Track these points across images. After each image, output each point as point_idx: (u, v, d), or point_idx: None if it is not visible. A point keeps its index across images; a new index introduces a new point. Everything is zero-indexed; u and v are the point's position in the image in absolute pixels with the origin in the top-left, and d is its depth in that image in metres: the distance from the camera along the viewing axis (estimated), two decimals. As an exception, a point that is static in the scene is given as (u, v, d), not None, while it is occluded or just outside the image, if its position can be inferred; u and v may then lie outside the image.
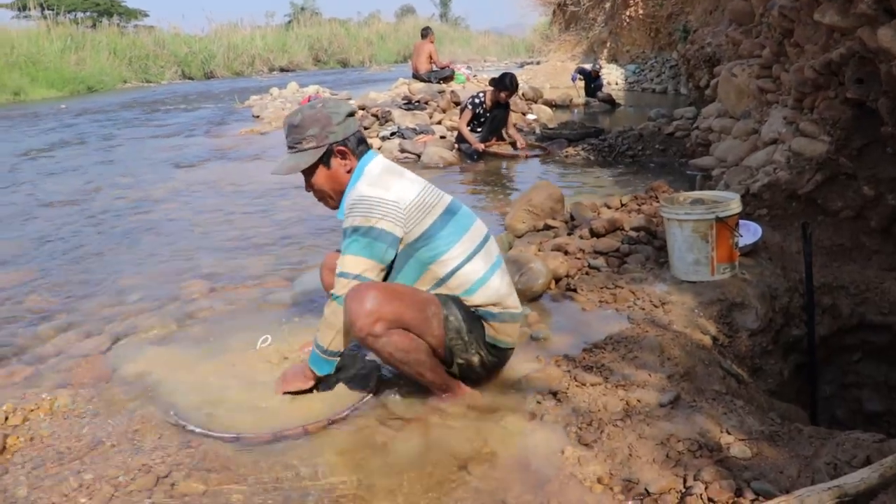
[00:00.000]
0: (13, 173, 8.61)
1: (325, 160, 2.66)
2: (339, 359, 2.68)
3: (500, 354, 2.72)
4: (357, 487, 2.21)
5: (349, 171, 2.67)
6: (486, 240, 2.70)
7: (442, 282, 2.60)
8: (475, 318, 2.61)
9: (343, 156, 2.66)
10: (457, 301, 2.59)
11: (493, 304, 2.63)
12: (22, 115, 16.21)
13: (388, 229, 2.50)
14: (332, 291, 2.58)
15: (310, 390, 2.73)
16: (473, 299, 2.61)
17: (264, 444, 2.45)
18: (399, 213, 2.51)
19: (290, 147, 2.69)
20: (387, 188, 2.55)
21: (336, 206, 2.73)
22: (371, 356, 2.89)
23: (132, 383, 2.95)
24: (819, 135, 4.56)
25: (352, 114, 2.72)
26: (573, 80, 15.19)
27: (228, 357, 3.12)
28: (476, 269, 2.61)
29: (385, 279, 2.62)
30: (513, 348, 2.79)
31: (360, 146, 2.70)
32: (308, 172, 2.70)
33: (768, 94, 5.95)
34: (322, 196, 2.77)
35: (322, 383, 2.76)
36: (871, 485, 1.82)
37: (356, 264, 2.51)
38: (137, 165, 8.94)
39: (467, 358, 2.61)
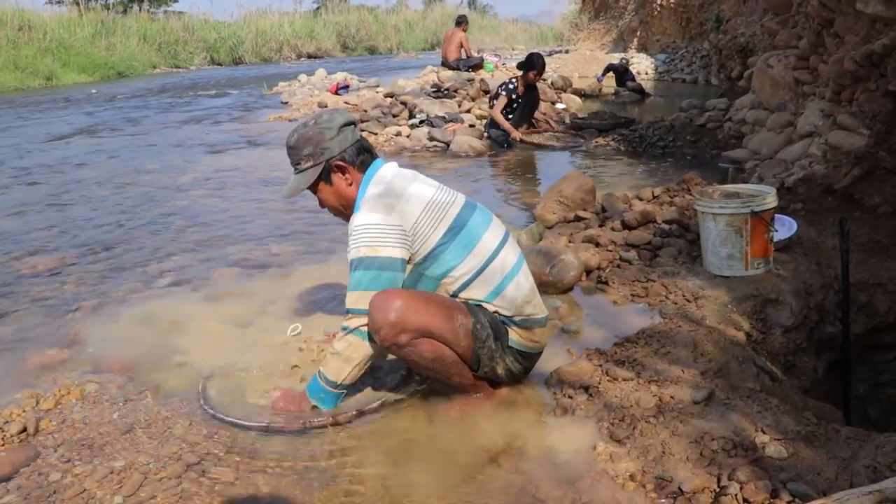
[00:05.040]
0: (45, 159, 8.68)
1: (324, 177, 2.61)
2: (346, 392, 2.59)
3: (525, 361, 2.65)
4: (385, 479, 2.21)
5: (352, 184, 2.62)
6: (501, 245, 2.59)
7: (455, 295, 2.54)
8: (499, 323, 2.55)
9: (342, 170, 2.59)
10: (482, 308, 2.53)
11: (511, 313, 2.57)
12: (53, 101, 16.36)
13: (394, 255, 2.43)
14: (345, 324, 2.48)
15: None
16: (490, 307, 2.55)
17: (294, 433, 2.45)
18: (403, 236, 2.44)
19: (293, 168, 2.65)
20: (389, 209, 2.46)
21: (349, 220, 2.63)
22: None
23: (162, 370, 2.96)
24: (858, 128, 4.47)
25: (348, 123, 2.62)
26: (599, 80, 15.02)
27: (258, 345, 3.12)
28: (490, 279, 2.53)
29: None
30: (539, 353, 2.72)
31: (360, 156, 2.61)
32: (314, 190, 2.66)
33: (805, 85, 5.85)
34: (335, 212, 2.73)
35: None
36: (913, 490, 1.77)
37: (366, 299, 2.41)
38: (167, 151, 8.99)
39: (492, 366, 2.55)
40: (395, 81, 13.28)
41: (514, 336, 2.58)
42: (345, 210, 2.68)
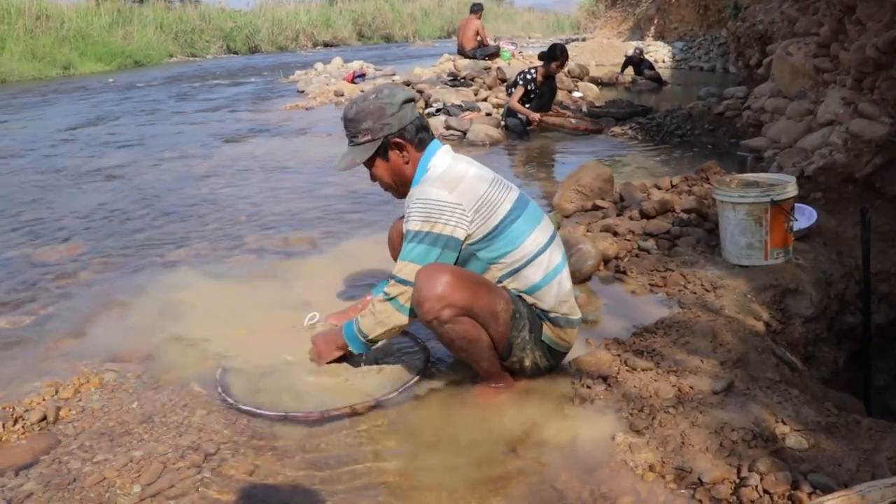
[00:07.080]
0: (62, 147, 8.73)
1: (381, 153, 2.60)
2: (374, 346, 2.65)
3: (553, 358, 2.65)
4: (404, 468, 2.21)
5: (408, 162, 2.61)
6: (549, 242, 2.59)
7: (500, 281, 2.54)
8: (536, 316, 2.56)
9: (400, 147, 2.58)
10: (522, 299, 2.54)
11: (547, 309, 2.57)
12: (71, 89, 16.44)
13: (449, 233, 2.43)
14: (386, 291, 2.51)
15: (339, 360, 2.75)
16: (529, 299, 2.56)
17: (312, 423, 2.45)
18: (463, 215, 2.44)
19: (349, 140, 2.64)
20: (451, 188, 2.46)
21: (402, 196, 2.65)
22: (421, 336, 2.91)
23: (180, 358, 2.97)
24: (879, 116, 4.42)
25: (408, 100, 2.61)
26: (620, 74, 14.86)
27: (276, 334, 3.12)
28: (534, 273, 2.53)
29: None
30: (566, 353, 2.71)
31: (419, 134, 2.60)
32: (368, 165, 2.65)
33: (825, 73, 5.78)
34: (387, 187, 2.72)
35: (363, 360, 2.76)
36: (937, 482, 1.75)
37: (413, 272, 2.44)
38: (184, 140, 9.01)
39: (521, 357, 2.56)
40: (411, 70, 13.26)
41: (548, 331, 2.58)
42: (398, 187, 2.68)
